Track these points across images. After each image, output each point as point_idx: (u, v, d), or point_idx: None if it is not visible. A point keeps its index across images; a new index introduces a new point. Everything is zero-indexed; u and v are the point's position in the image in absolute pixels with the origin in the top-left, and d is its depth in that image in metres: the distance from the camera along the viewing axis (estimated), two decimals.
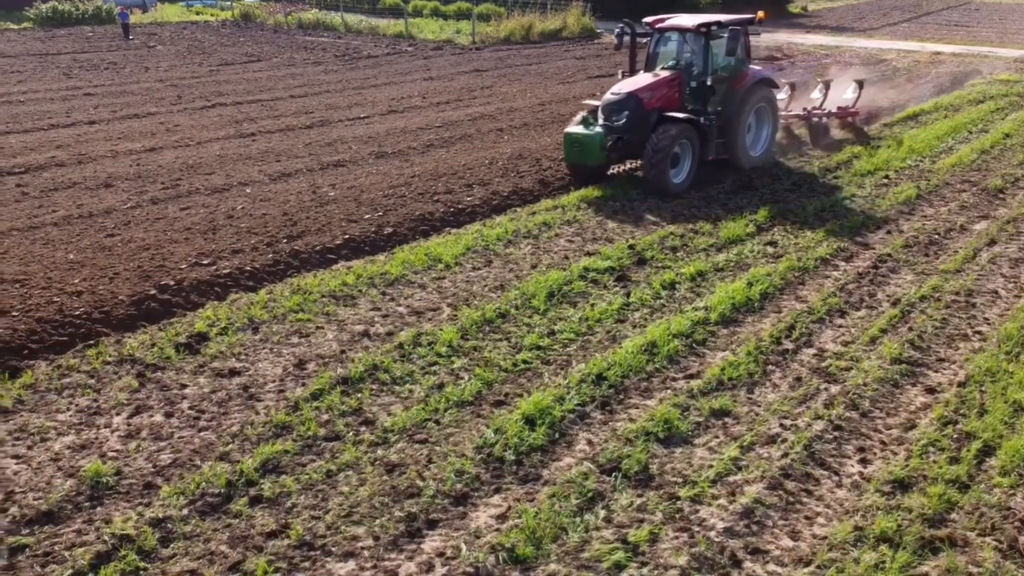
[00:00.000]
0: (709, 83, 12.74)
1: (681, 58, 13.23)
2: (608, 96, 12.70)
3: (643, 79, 12.78)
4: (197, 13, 42.58)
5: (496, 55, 28.93)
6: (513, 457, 5.83)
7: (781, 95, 14.96)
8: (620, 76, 13.69)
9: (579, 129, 12.49)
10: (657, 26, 13.35)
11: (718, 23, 12.89)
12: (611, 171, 13.32)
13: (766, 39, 32.94)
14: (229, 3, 44.08)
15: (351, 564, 4.85)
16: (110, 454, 5.86)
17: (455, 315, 8.15)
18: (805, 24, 42.62)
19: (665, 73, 12.87)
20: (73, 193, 11.94)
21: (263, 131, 16.25)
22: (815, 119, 15.79)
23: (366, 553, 4.93)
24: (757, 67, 13.95)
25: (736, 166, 13.29)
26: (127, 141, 15.24)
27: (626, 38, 13.57)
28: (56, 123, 16.68)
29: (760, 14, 13.79)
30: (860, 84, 16.52)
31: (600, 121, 12.53)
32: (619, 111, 12.34)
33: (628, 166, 13.57)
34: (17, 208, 11.20)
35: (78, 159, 13.85)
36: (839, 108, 16.24)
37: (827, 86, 16.33)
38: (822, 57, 28.56)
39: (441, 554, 4.92)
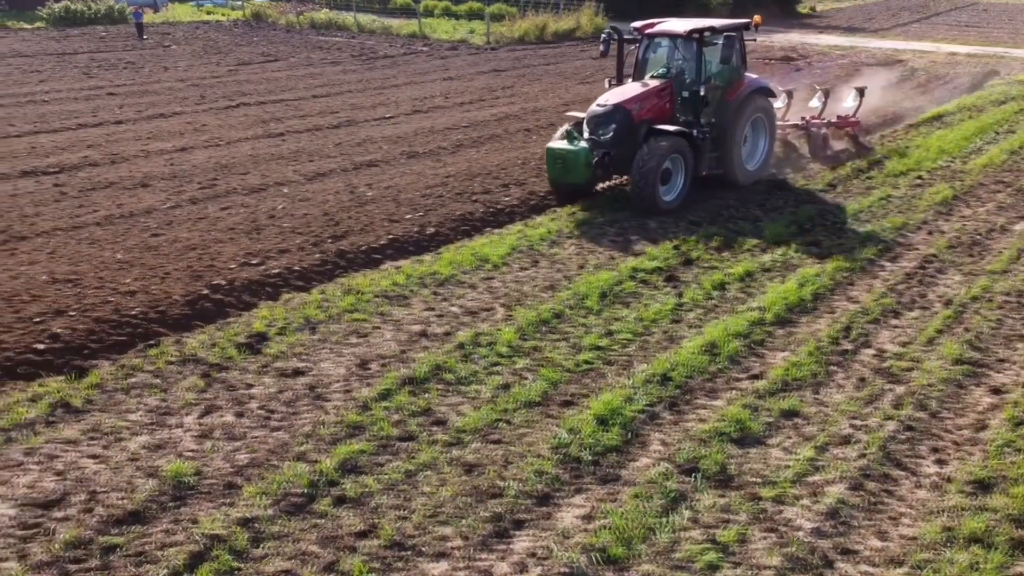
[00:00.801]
0: (702, 93, 11.89)
1: (672, 66, 12.33)
2: (594, 108, 11.72)
3: (631, 89, 11.89)
4: (208, 13, 42.59)
5: (512, 55, 28.94)
6: (590, 457, 5.84)
7: (778, 103, 13.86)
8: (607, 85, 12.75)
9: (562, 144, 11.49)
10: (646, 32, 12.44)
11: (711, 28, 12.09)
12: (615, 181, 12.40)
13: (780, 40, 32.97)
14: (240, 3, 44.07)
15: (444, 564, 4.85)
16: (187, 454, 5.87)
17: (510, 315, 8.15)
18: (815, 24, 42.62)
19: (655, 82, 11.96)
20: (111, 193, 11.94)
21: (291, 131, 16.26)
22: (814, 129, 14.55)
23: (457, 553, 4.93)
24: (753, 75, 13.08)
25: (731, 182, 12.37)
26: (157, 141, 15.25)
27: (613, 45, 12.67)
28: (84, 123, 16.69)
29: (756, 18, 12.95)
30: (861, 92, 15.31)
31: (585, 135, 11.57)
32: (606, 124, 11.42)
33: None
34: (58, 208, 11.21)
35: (111, 159, 13.86)
36: (839, 117, 15.18)
37: (827, 94, 15.07)
38: (838, 58, 28.56)
39: (532, 554, 4.92)
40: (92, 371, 6.95)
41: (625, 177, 11.95)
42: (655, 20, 12.73)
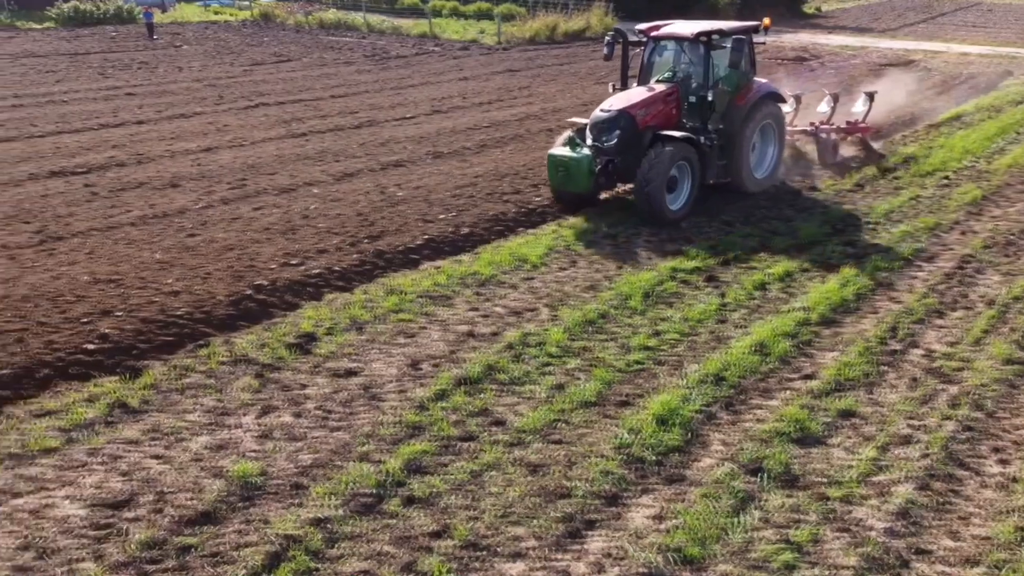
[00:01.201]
0: (710, 98, 11.45)
1: (678, 70, 11.94)
2: (597, 113, 11.30)
3: (636, 94, 11.44)
4: (216, 13, 42.57)
5: (525, 55, 28.94)
6: (654, 457, 5.84)
7: (786, 108, 13.35)
8: (611, 90, 12.27)
9: (564, 151, 11.06)
10: (652, 34, 11.99)
11: (720, 31, 11.65)
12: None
13: (789, 40, 32.98)
14: (248, 3, 44.06)
15: (520, 565, 4.85)
16: (249, 454, 5.86)
17: (556, 315, 8.15)
18: (823, 24, 42.64)
19: (661, 87, 11.52)
20: (142, 193, 11.94)
21: (313, 131, 16.25)
22: (823, 135, 13.98)
23: (532, 553, 4.93)
24: (763, 80, 12.66)
25: (739, 190, 11.97)
26: (181, 141, 15.24)
27: (617, 48, 12.19)
28: (105, 123, 16.68)
29: (766, 21, 12.44)
30: (871, 96, 14.69)
31: (588, 141, 11.17)
32: (609, 130, 11.02)
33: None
34: (90, 208, 11.20)
35: (137, 159, 13.85)
36: (848, 123, 14.57)
37: (835, 99, 14.46)
38: (850, 58, 28.58)
39: (608, 555, 4.92)
40: (146, 371, 6.95)
41: (629, 185, 11.52)
42: (661, 22, 12.34)
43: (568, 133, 11.62)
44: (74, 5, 36.73)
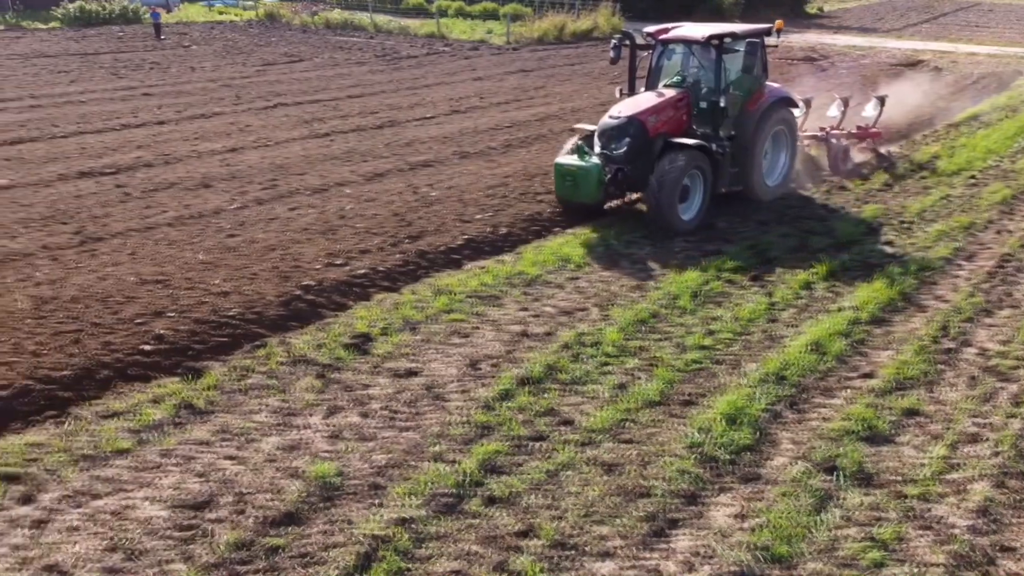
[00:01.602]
0: (722, 104, 11.07)
1: (688, 74, 11.56)
2: (606, 120, 10.94)
3: (646, 100, 11.05)
4: (220, 13, 42.48)
5: (535, 55, 28.95)
6: (727, 457, 5.85)
7: (796, 112, 12.78)
8: (618, 95, 11.95)
9: (572, 160, 10.65)
10: (660, 37, 11.58)
11: (732, 34, 11.27)
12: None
13: (798, 40, 33.05)
14: (252, 3, 43.98)
15: (610, 564, 4.85)
16: (322, 455, 5.85)
17: (607, 315, 8.17)
18: (827, 24, 42.75)
19: (671, 92, 11.13)
20: (174, 193, 11.91)
21: (336, 131, 16.24)
22: (834, 140, 13.53)
23: (620, 552, 4.93)
24: (774, 84, 12.27)
25: (752, 199, 11.66)
26: (205, 141, 15.21)
27: (624, 51, 11.74)
28: (126, 123, 16.63)
29: (778, 23, 12.02)
30: (882, 100, 14.34)
31: (596, 149, 10.80)
32: (619, 138, 10.64)
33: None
34: (125, 209, 11.17)
35: (164, 159, 13.82)
36: (859, 127, 14.19)
37: (846, 103, 14.06)
38: (859, 58, 28.66)
39: (696, 553, 4.93)
40: (207, 372, 6.94)
41: (635, 195, 11.26)
42: (670, 25, 11.98)
43: (574, 140, 11.22)
44: (80, 5, 36.61)
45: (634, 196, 11.52)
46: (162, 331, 7.48)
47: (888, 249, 10.11)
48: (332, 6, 43.02)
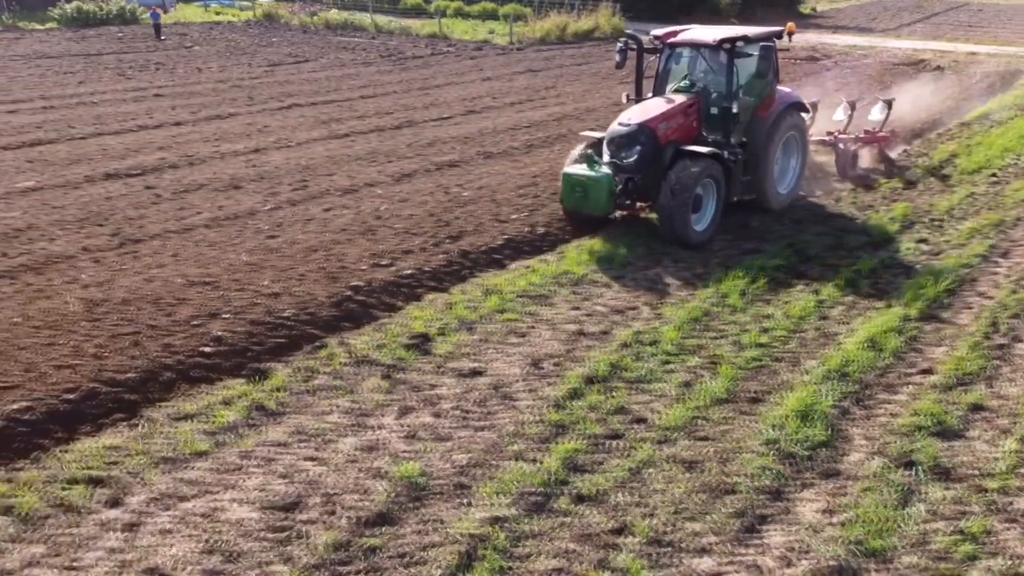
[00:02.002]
0: (734, 110, 10.66)
1: (697, 79, 11.14)
2: (615, 127, 10.49)
3: (656, 106, 10.64)
4: (217, 13, 42.21)
5: (540, 55, 28.97)
6: (805, 453, 5.90)
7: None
8: (624, 100, 11.66)
9: (581, 169, 10.21)
10: (669, 41, 11.17)
11: (744, 38, 10.85)
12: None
13: (798, 39, 33.12)
14: (249, 3, 43.76)
15: (708, 560, 4.89)
16: (402, 455, 5.85)
17: (659, 314, 8.21)
18: (824, 24, 43.01)
19: (680, 98, 10.74)
20: (205, 195, 11.84)
21: (355, 132, 16.19)
22: (842, 145, 13.16)
23: (717, 548, 4.97)
24: (785, 88, 11.90)
25: (765, 207, 11.29)
26: (225, 142, 15.13)
27: (631, 55, 11.30)
28: (143, 124, 16.50)
29: (790, 26, 11.63)
30: (889, 104, 13.97)
31: (605, 158, 10.40)
32: (629, 146, 10.23)
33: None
34: (158, 210, 11.09)
35: (188, 161, 13.73)
36: (866, 132, 13.85)
37: (852, 106, 13.67)
38: (861, 57, 28.86)
39: (791, 548, 4.97)
40: (272, 373, 6.92)
41: (642, 205, 10.78)
42: (677, 28, 11.64)
43: (580, 148, 10.85)
44: (77, 5, 36.27)
45: (639, 206, 10.86)
46: (220, 332, 7.45)
47: (924, 247, 10.20)
48: (329, 6, 42.88)
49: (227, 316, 7.80)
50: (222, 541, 4.96)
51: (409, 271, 9.04)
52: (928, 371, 7.14)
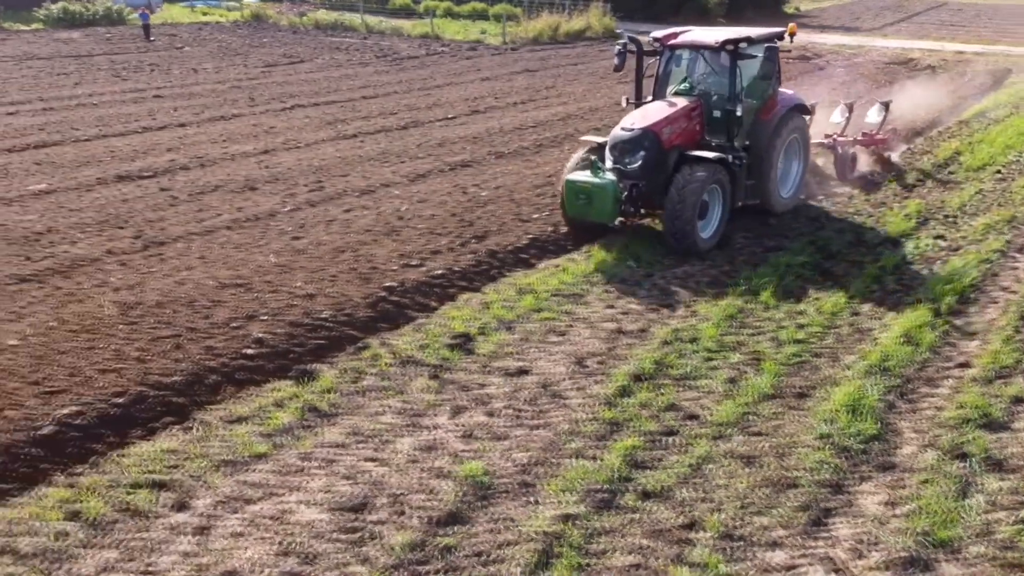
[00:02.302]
0: (738, 113, 10.38)
1: (699, 82, 10.93)
2: (618, 132, 10.20)
3: (658, 110, 10.38)
4: (204, 14, 41.84)
5: (536, 55, 29.02)
6: (859, 446, 5.98)
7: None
8: (624, 104, 11.45)
9: (584, 176, 9.84)
10: (669, 43, 10.95)
11: (748, 39, 10.60)
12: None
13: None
14: (236, 3, 43.42)
15: (781, 553, 4.94)
16: (462, 454, 5.86)
17: (694, 311, 8.27)
18: (809, 24, 43.37)
19: (683, 101, 10.47)
20: (221, 196, 11.76)
21: (363, 132, 16.14)
22: (841, 148, 13.05)
23: (788, 542, 5.02)
24: (787, 91, 11.74)
25: (768, 212, 11.12)
26: (234, 144, 15.02)
27: (630, 57, 11.09)
28: (147, 126, 16.35)
29: (791, 27, 11.42)
30: (886, 106, 13.87)
31: (608, 164, 10.08)
32: (633, 151, 9.93)
33: None
34: (177, 212, 11.01)
35: (199, 162, 13.63)
36: (864, 134, 13.75)
37: (850, 108, 13.50)
38: (851, 56, 29.18)
39: (860, 540, 5.04)
40: (320, 375, 6.89)
41: (645, 211, 10.41)
42: (678, 29, 11.45)
43: (581, 153, 10.55)
44: (63, 6, 35.80)
45: (643, 212, 10.47)
46: (260, 334, 7.41)
47: (942, 243, 10.36)
48: (317, 6, 42.66)
49: (265, 318, 7.76)
50: (296, 543, 4.94)
51: (440, 271, 9.05)
52: (965, 364, 7.25)
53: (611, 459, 5.76)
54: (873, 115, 13.99)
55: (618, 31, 36.94)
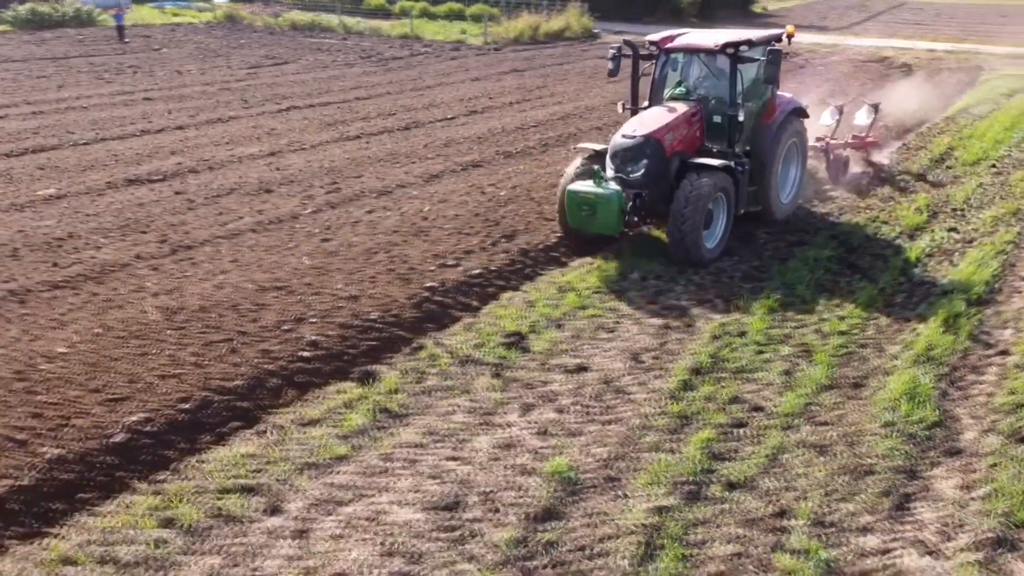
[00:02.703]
0: (740, 118, 10.15)
1: (697, 86, 10.66)
2: (619, 140, 9.88)
3: (659, 116, 10.05)
4: (175, 15, 41.13)
5: (520, 56, 29.08)
6: (923, 433, 6.15)
7: None
8: (621, 110, 11.16)
9: (587, 186, 9.43)
10: (666, 46, 10.69)
11: (749, 41, 10.36)
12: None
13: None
14: (205, 4, 42.77)
15: (873, 538, 5.06)
16: (541, 451, 5.91)
17: (736, 305, 8.41)
18: (778, 23, 44.17)
19: (683, 107, 10.19)
20: (239, 199, 11.62)
21: (366, 134, 16.06)
22: (834, 151, 13.01)
23: (878, 526, 5.16)
24: (786, 94, 11.53)
25: (769, 218, 10.91)
26: (238, 146, 14.84)
27: (625, 62, 10.89)
28: (144, 129, 16.06)
29: (789, 29, 11.10)
30: (875, 107, 13.81)
31: (610, 173, 9.74)
32: (635, 159, 9.63)
33: None
34: (197, 216, 10.85)
35: (206, 165, 13.44)
36: (854, 137, 13.70)
37: (840, 110, 13.44)
38: (827, 55, 29.76)
39: (946, 524, 5.19)
40: (382, 376, 6.88)
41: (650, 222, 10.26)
42: (675, 32, 11.24)
43: (578, 162, 10.19)
44: (31, 7, 34.90)
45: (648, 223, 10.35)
46: (313, 337, 7.36)
47: (955, 235, 10.64)
48: (290, 6, 42.22)
49: (314, 320, 7.72)
50: (398, 543, 4.95)
51: (476, 271, 9.07)
52: (1005, 352, 7.49)
53: (690, 452, 5.86)
54: (862, 117, 13.95)
55: (595, 31, 37.29)
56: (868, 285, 8.97)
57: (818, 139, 13.21)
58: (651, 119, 10.09)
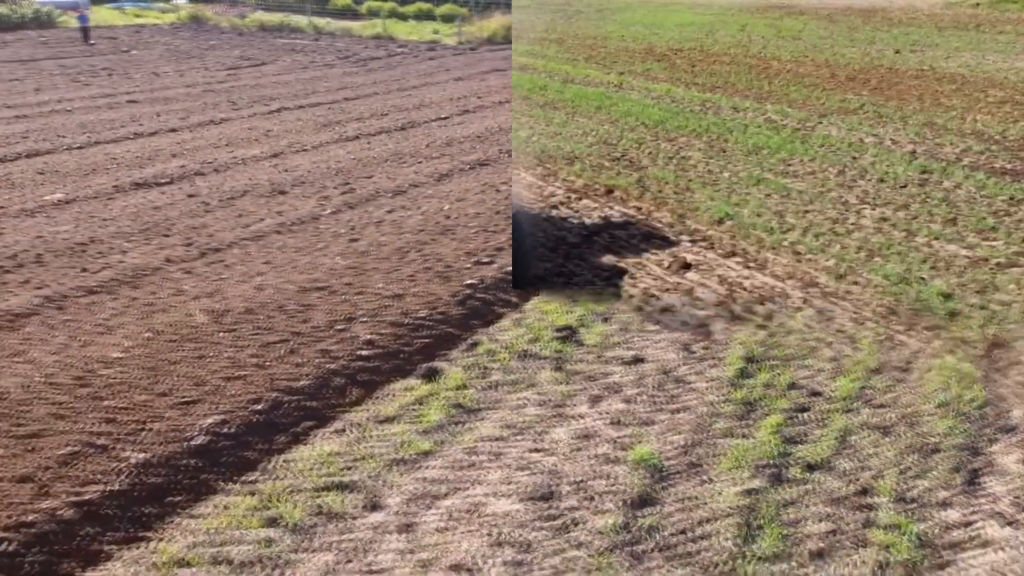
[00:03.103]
0: None
1: None
2: None
3: None
4: (136, 16, 40.24)
5: (497, 55, 29.17)
6: (976, 412, 6.41)
7: None
8: None
9: None
10: None
11: None
12: None
13: None
14: (165, 4, 41.94)
15: (954, 512, 5.30)
16: (619, 440, 6.04)
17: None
18: None
19: None
20: (253, 201, 11.51)
21: (364, 134, 16.00)
22: None
23: (954, 500, 5.41)
24: None
25: None
26: (238, 148, 14.65)
27: None
28: (136, 132, 15.74)
29: None
30: None
31: None
32: None
33: None
34: (216, 218, 10.72)
35: (211, 168, 13.26)
36: None
37: None
38: None
39: (1018, 496, 5.46)
40: (448, 373, 6.93)
41: None
42: None
43: None
44: None
45: None
46: (368, 336, 7.39)
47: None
48: (253, 7, 41.67)
49: (365, 320, 7.73)
50: (504, 534, 5.03)
51: (511, 267, 9.16)
52: None
53: (763, 436, 6.05)
54: None
55: None
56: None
57: None
58: None
